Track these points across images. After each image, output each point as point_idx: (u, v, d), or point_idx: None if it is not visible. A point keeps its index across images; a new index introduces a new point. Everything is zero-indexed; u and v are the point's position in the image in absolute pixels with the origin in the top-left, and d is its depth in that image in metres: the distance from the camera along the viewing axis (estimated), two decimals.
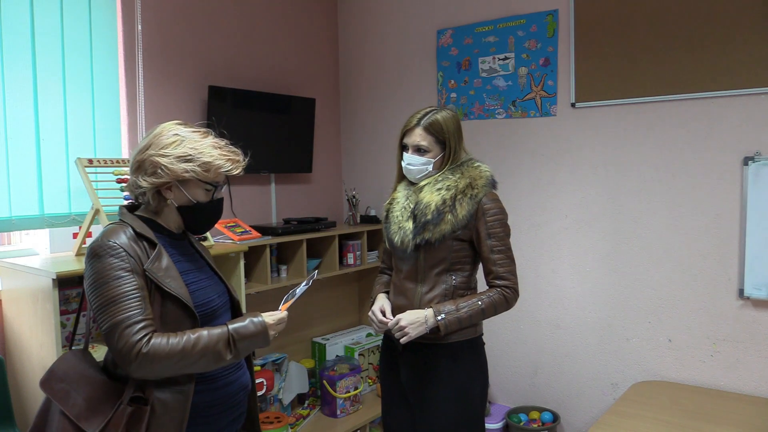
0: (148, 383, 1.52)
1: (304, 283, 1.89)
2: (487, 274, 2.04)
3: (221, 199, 1.73)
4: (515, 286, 2.02)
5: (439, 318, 1.94)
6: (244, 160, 1.70)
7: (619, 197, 3.06)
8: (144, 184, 1.60)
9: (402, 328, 1.96)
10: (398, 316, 1.99)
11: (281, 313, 1.72)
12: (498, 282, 2.01)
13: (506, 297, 2.00)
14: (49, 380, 1.56)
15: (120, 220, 1.63)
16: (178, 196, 1.64)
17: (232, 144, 1.71)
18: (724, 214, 2.77)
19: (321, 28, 3.98)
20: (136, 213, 1.66)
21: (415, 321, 1.95)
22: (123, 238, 1.55)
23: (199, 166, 1.60)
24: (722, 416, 2.50)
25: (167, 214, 1.67)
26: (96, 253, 1.52)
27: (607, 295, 3.12)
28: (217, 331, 1.57)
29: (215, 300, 1.71)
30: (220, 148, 1.65)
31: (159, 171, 1.58)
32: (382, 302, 2.12)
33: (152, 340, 1.47)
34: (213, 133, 1.69)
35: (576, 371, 3.24)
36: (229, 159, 1.65)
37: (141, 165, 1.60)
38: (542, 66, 3.24)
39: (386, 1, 3.86)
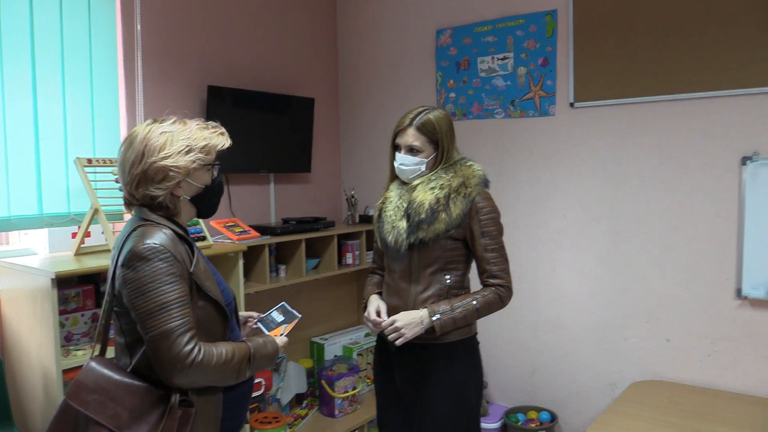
0: None
1: (278, 314, 1.92)
2: (482, 272, 2.03)
3: (220, 174, 1.73)
4: (509, 284, 2.02)
5: (435, 318, 1.94)
6: None
7: (617, 197, 3.06)
8: (158, 192, 1.56)
9: (398, 329, 1.95)
10: (393, 317, 1.99)
11: (285, 338, 1.79)
12: (492, 281, 2.01)
13: (501, 296, 2.00)
14: (78, 393, 1.51)
15: (144, 219, 1.58)
16: (188, 189, 1.63)
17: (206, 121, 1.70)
18: (722, 214, 2.78)
19: (320, 28, 3.98)
20: (158, 214, 1.61)
21: (411, 322, 1.95)
22: (166, 239, 1.52)
23: (200, 151, 1.60)
24: (720, 416, 2.50)
25: (183, 211, 1.65)
26: (143, 256, 1.48)
27: (605, 295, 3.12)
28: (243, 347, 1.60)
29: (233, 299, 1.75)
30: (206, 128, 1.65)
31: (170, 173, 1.55)
32: (376, 303, 2.12)
33: (203, 349, 1.49)
34: (186, 118, 1.68)
35: (574, 371, 3.24)
36: (218, 134, 1.67)
37: (144, 176, 1.55)
38: (541, 66, 3.24)
39: (385, 1, 3.86)
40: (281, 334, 1.81)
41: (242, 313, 1.92)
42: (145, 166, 1.55)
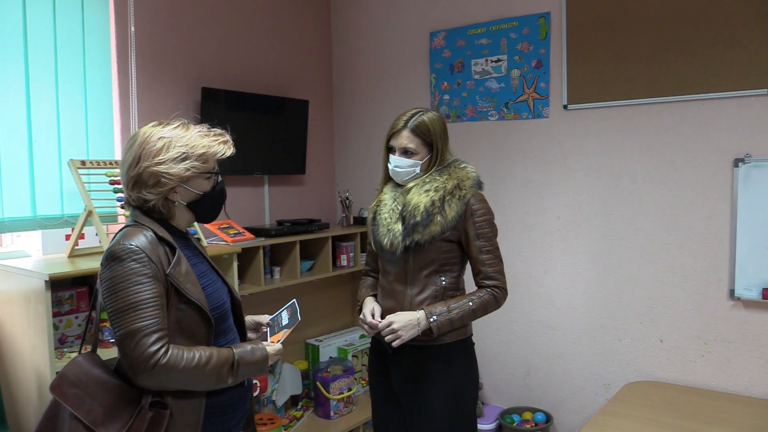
0: None
1: (287, 315, 1.89)
2: (476, 274, 2.04)
3: (223, 181, 1.73)
4: (504, 285, 2.03)
5: (432, 320, 1.94)
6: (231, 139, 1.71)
7: (611, 198, 3.07)
8: (150, 196, 1.57)
9: (394, 331, 1.95)
10: (389, 318, 1.98)
11: (279, 345, 1.74)
12: (487, 282, 2.01)
13: (496, 297, 2.01)
14: (60, 385, 1.54)
15: (134, 221, 1.60)
16: (185, 194, 1.63)
17: (211, 126, 1.70)
18: (714, 216, 2.79)
19: (314, 30, 3.99)
20: (150, 216, 1.62)
21: (407, 324, 1.95)
22: (144, 241, 1.52)
23: (197, 159, 1.59)
24: (713, 416, 2.51)
25: (178, 214, 1.66)
26: (117, 256, 1.49)
27: (599, 296, 3.13)
28: (225, 353, 1.58)
29: (227, 302, 1.73)
30: (207, 135, 1.65)
31: (162, 180, 1.56)
32: (371, 305, 2.12)
33: (170, 352, 1.47)
34: (191, 122, 1.68)
35: (568, 372, 3.25)
36: (220, 143, 1.66)
37: (139, 179, 1.57)
38: (534, 68, 3.26)
39: (379, 3, 3.87)
40: (279, 340, 1.77)
41: (252, 318, 1.90)
42: (140, 170, 1.56)
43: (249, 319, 1.90)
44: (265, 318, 1.91)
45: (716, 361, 2.82)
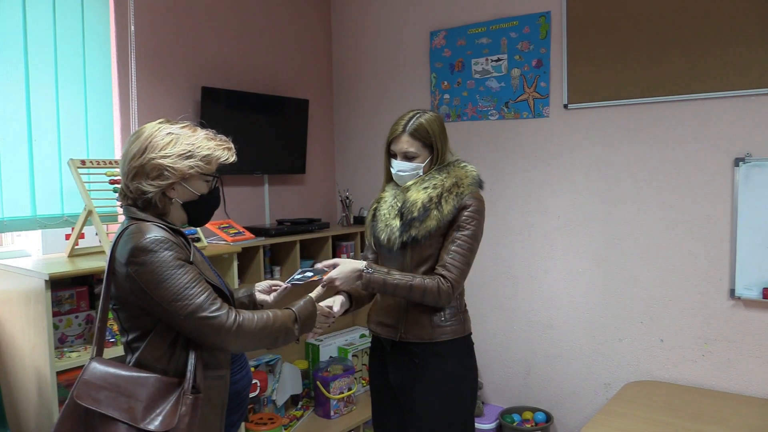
0: (198, 371, 1.56)
1: (309, 272, 1.98)
2: (437, 261, 2.00)
3: (218, 188, 1.75)
4: (454, 282, 1.94)
5: (367, 271, 1.93)
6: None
7: (611, 198, 3.07)
8: (149, 188, 1.58)
9: (333, 281, 1.95)
10: (331, 274, 1.96)
11: (320, 288, 1.91)
12: (440, 270, 1.96)
13: (440, 287, 1.93)
14: (87, 392, 1.52)
15: (131, 218, 1.60)
16: (183, 193, 1.64)
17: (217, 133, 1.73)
18: (715, 215, 2.79)
19: (314, 29, 3.99)
20: (146, 213, 1.63)
21: (348, 277, 1.95)
22: (164, 233, 1.55)
23: (200, 160, 1.61)
24: (714, 416, 2.51)
25: (173, 212, 1.67)
26: (148, 249, 1.50)
27: (599, 296, 3.13)
28: (285, 311, 1.68)
29: (227, 298, 1.75)
30: (213, 139, 1.68)
31: (165, 173, 1.57)
32: (331, 300, 2.10)
33: (241, 314, 1.54)
34: (198, 125, 1.71)
35: (569, 371, 3.25)
36: (224, 148, 1.69)
37: (141, 170, 1.57)
38: (535, 67, 3.25)
39: (379, 3, 3.87)
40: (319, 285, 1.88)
41: (267, 281, 1.98)
42: (144, 160, 1.58)
43: (263, 283, 1.96)
44: (278, 282, 1.98)
45: (716, 361, 2.82)
